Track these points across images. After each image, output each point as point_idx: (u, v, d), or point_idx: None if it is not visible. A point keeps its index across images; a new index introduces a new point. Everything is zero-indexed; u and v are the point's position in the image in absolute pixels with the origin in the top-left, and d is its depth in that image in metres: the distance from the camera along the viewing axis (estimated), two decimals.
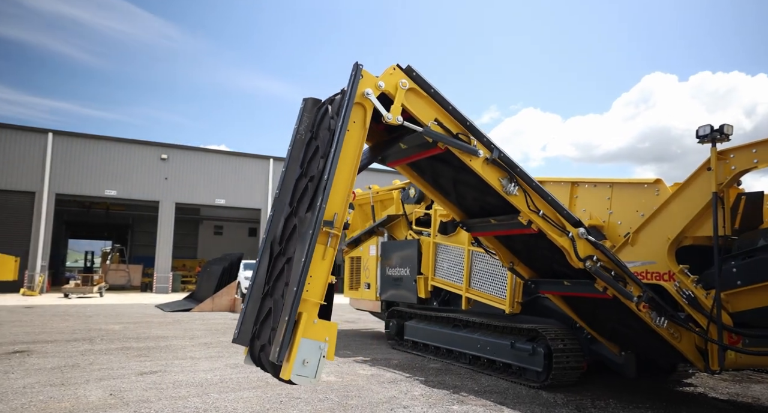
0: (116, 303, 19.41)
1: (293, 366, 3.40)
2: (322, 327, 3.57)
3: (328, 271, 3.68)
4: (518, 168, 4.51)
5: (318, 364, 3.50)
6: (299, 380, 3.45)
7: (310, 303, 3.56)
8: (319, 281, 3.62)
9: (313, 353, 3.49)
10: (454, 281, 8.18)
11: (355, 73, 3.93)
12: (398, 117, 4.01)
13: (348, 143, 3.79)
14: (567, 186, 6.87)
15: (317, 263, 3.61)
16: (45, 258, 25.88)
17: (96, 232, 48.47)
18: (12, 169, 25.51)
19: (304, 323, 3.49)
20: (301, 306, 3.52)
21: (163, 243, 28.44)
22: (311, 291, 3.57)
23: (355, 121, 3.85)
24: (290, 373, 3.40)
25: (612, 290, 4.81)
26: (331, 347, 3.58)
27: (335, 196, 3.71)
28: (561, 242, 4.66)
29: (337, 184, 3.73)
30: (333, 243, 3.69)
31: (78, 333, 10.46)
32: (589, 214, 6.53)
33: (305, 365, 3.46)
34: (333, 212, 3.68)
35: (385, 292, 9.83)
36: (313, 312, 3.57)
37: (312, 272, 3.58)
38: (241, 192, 30.97)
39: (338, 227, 3.71)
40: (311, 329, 3.52)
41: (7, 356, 7.82)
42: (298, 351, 3.43)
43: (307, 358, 3.47)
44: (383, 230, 10.36)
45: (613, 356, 6.05)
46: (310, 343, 3.50)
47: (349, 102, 3.80)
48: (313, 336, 3.51)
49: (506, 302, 7.10)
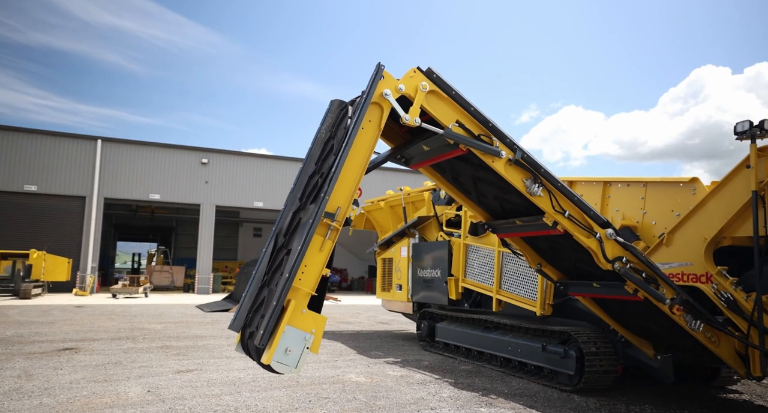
0: (159, 303, 20.09)
1: (275, 351, 3.37)
2: (310, 318, 3.54)
3: (323, 263, 3.66)
4: (542, 168, 4.45)
5: (301, 355, 3.46)
6: (280, 367, 3.41)
7: (301, 292, 3.53)
8: (313, 271, 3.60)
9: (297, 342, 3.45)
10: (484, 283, 8.12)
11: (375, 73, 3.97)
12: (416, 119, 4.03)
13: (360, 140, 3.83)
14: (599, 186, 6.71)
15: (314, 253, 3.60)
16: (95, 260, 27.01)
17: (142, 234, 50.30)
18: (64, 175, 26.76)
19: (291, 310, 3.45)
20: (290, 294, 3.49)
21: (204, 245, 29.25)
22: (304, 281, 3.55)
23: (371, 120, 3.89)
24: (271, 358, 3.36)
25: (643, 293, 4.68)
26: (317, 339, 3.54)
27: (340, 190, 3.72)
28: (588, 243, 4.57)
29: (344, 178, 3.74)
30: (332, 236, 3.68)
31: (122, 332, 10.90)
32: (622, 214, 6.37)
33: (287, 353, 3.43)
34: (336, 206, 3.70)
35: (417, 293, 9.83)
36: (303, 302, 3.54)
37: (307, 262, 3.56)
38: (278, 194, 31.49)
39: (339, 220, 3.71)
40: (298, 318, 3.49)
41: (58, 353, 8.22)
42: (281, 338, 3.39)
43: (291, 347, 3.43)
44: (414, 231, 10.37)
45: (648, 360, 5.87)
46: (296, 332, 3.47)
47: (366, 101, 3.85)
48: (299, 325, 3.48)
49: (537, 304, 6.99)
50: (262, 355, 3.44)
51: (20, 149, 26.29)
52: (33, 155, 26.42)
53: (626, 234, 5.95)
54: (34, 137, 26.73)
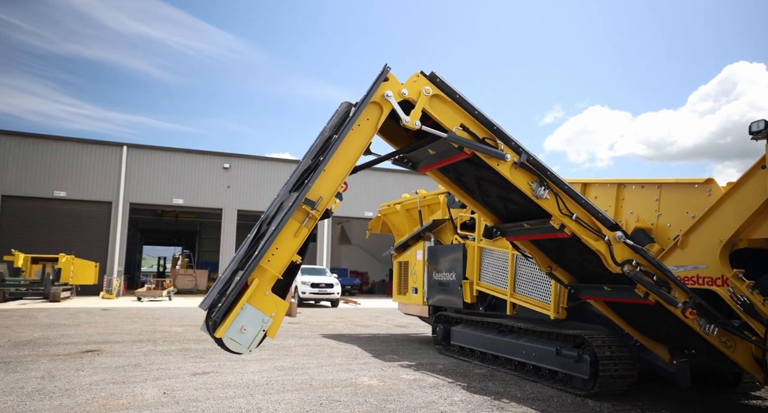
0: (182, 306, 20.43)
1: (229, 327, 3.32)
2: (271, 301, 3.51)
3: (295, 249, 3.64)
4: (549, 171, 4.42)
5: (255, 336, 3.41)
6: (231, 344, 3.37)
7: (267, 274, 3.51)
8: (284, 255, 3.58)
9: (254, 322, 3.41)
10: (498, 286, 8.07)
11: (380, 73, 4.02)
12: (416, 122, 4.05)
13: (354, 136, 3.86)
14: (613, 188, 6.62)
15: (287, 237, 3.59)
16: (121, 264, 27.64)
17: (167, 238, 51.24)
18: (91, 180, 27.47)
19: (253, 289, 3.43)
20: (256, 273, 3.46)
21: (226, 249, 29.65)
22: (273, 262, 3.52)
23: (369, 118, 3.93)
24: (223, 333, 3.33)
25: (654, 296, 4.60)
26: (275, 324, 3.49)
27: (325, 180, 3.74)
28: (597, 246, 4.52)
29: (331, 170, 3.76)
30: (309, 224, 3.68)
31: (144, 335, 11.13)
32: (636, 216, 6.27)
33: (243, 332, 3.38)
34: (318, 195, 3.71)
35: (432, 297, 9.82)
36: (267, 283, 3.52)
37: (279, 245, 3.55)
38: None
39: (319, 210, 3.71)
40: (260, 298, 3.45)
41: (80, 355, 8.44)
42: (238, 315, 3.35)
43: (247, 326, 3.39)
44: (430, 234, 10.36)
45: (664, 364, 5.76)
46: (254, 312, 3.42)
47: (366, 99, 3.88)
48: (259, 305, 3.44)
49: (551, 308, 6.93)
50: (217, 328, 3.40)
51: (51, 155, 27.09)
52: (62, 161, 27.20)
53: (640, 236, 5.86)
54: (63, 144, 27.52)
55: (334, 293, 22.60)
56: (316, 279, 22.70)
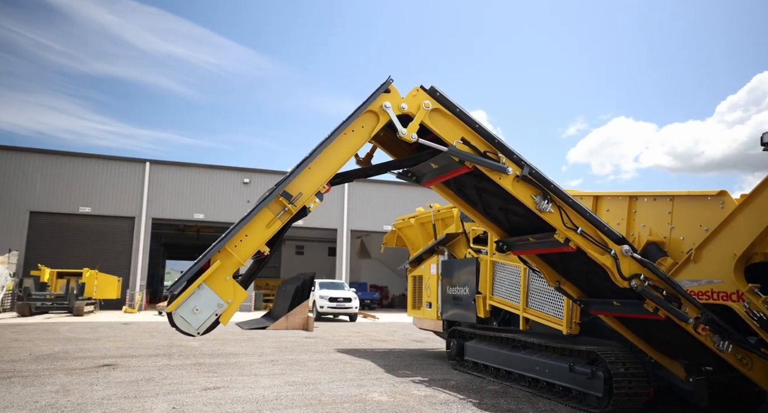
0: None
1: (181, 304, 3.26)
2: (231, 287, 3.45)
3: (265, 239, 3.60)
4: (552, 184, 4.37)
5: (207, 319, 3.33)
6: (180, 323, 3.30)
7: (232, 259, 3.47)
8: (252, 243, 3.54)
9: (208, 305, 3.34)
10: (511, 301, 7.96)
11: (382, 84, 4.04)
12: (413, 135, 4.06)
13: (345, 140, 3.88)
14: (625, 201, 6.50)
15: (259, 226, 3.56)
16: (143, 278, 28.07)
17: (190, 253, 51.86)
18: (115, 196, 28.09)
19: (213, 270, 3.37)
20: (220, 255, 3.41)
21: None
22: (239, 248, 3.49)
23: (363, 126, 3.96)
24: (174, 308, 3.26)
25: (664, 311, 4.48)
26: (230, 311, 3.42)
27: (308, 177, 3.74)
28: (603, 260, 4.44)
29: (316, 168, 3.76)
30: (283, 218, 3.65)
31: (160, 349, 11.24)
32: (649, 229, 6.13)
33: (195, 312, 3.31)
34: (298, 190, 3.69)
35: (446, 311, 9.73)
36: (229, 268, 3.47)
37: (249, 232, 3.52)
38: (317, 212, 31.96)
39: (296, 205, 3.68)
40: (219, 282, 3.40)
41: (96, 369, 8.56)
42: (193, 293, 3.29)
43: (200, 307, 3.32)
44: (443, 248, 10.30)
45: (680, 382, 5.59)
46: (210, 294, 3.36)
47: (362, 106, 3.91)
48: (216, 288, 3.38)
49: (563, 323, 6.80)
50: (171, 303, 3.36)
51: (76, 172, 27.82)
52: (87, 178, 27.89)
53: (653, 250, 5.74)
54: (88, 161, 28.24)
55: (352, 307, 22.56)
56: (334, 293, 22.71)
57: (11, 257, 25.42)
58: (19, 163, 27.13)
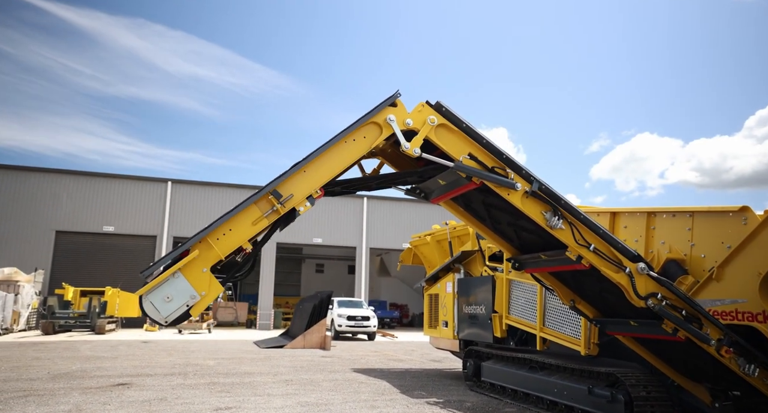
0: (219, 339, 20.63)
1: (153, 290, 3.18)
2: (206, 280, 3.35)
3: (248, 236, 3.53)
4: (563, 200, 4.26)
5: (177, 309, 3.23)
6: (149, 309, 3.20)
7: (211, 252, 3.38)
8: (235, 238, 3.46)
9: (181, 295, 3.25)
10: (528, 320, 7.76)
11: (389, 97, 4.01)
12: (416, 149, 4.01)
13: (345, 148, 3.84)
14: (643, 217, 6.32)
15: (244, 222, 3.48)
16: None
17: None
18: (137, 215, 28.57)
19: (190, 259, 3.29)
20: (200, 246, 3.32)
21: (265, 282, 29.99)
22: (221, 242, 3.39)
23: (365, 137, 3.92)
24: (145, 292, 3.18)
25: (684, 332, 4.29)
26: (202, 304, 3.34)
27: (301, 179, 3.68)
28: (617, 278, 4.28)
29: (311, 171, 3.71)
30: (270, 217, 3.57)
31: (176, 368, 11.23)
32: (668, 246, 5.93)
33: (166, 301, 3.22)
34: (289, 191, 3.62)
35: (462, 330, 9.54)
36: (207, 260, 3.38)
37: (233, 226, 3.44)
38: (336, 231, 32.03)
39: (284, 206, 3.61)
40: (195, 273, 3.31)
41: (111, 388, 8.56)
42: (167, 281, 3.20)
43: (172, 296, 3.23)
44: (459, 266, 10.15)
45: (705, 407, 5.33)
46: (185, 284, 3.26)
47: (365, 117, 3.87)
48: (192, 279, 3.29)
49: (581, 343, 6.58)
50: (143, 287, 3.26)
51: (100, 192, 28.43)
52: (111, 197, 28.47)
53: (673, 268, 5.54)
54: (112, 181, 28.85)
55: (371, 326, 22.36)
56: (352, 312, 22.56)
57: (37, 276, 25.95)
58: (46, 183, 27.85)
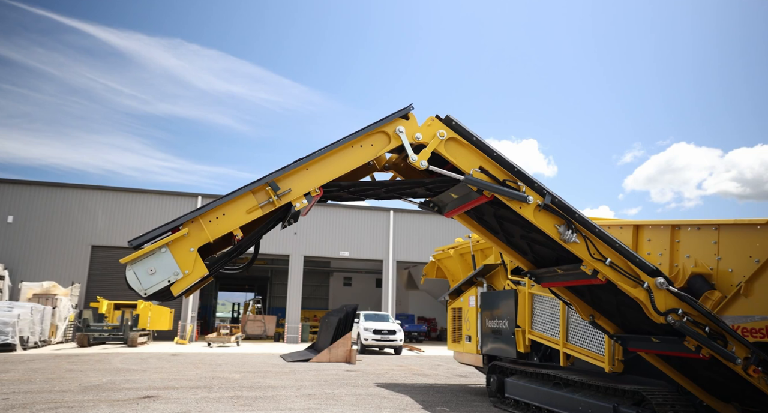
0: (247, 352, 20.80)
1: (139, 261, 3.19)
2: (191, 259, 3.36)
3: (240, 223, 3.52)
4: (577, 213, 4.17)
5: (158, 283, 3.25)
6: (131, 279, 3.22)
7: (202, 233, 3.39)
8: (226, 223, 3.47)
9: (164, 270, 3.26)
10: (551, 335, 7.59)
11: (402, 109, 4.03)
12: (423, 162, 4.00)
13: (351, 154, 3.85)
14: (667, 230, 6.14)
15: (239, 208, 3.49)
16: (194, 310, 28.77)
17: (240, 285, 53.03)
18: None
19: (179, 235, 3.30)
20: (191, 225, 3.33)
21: (293, 295, 30.18)
22: (212, 225, 3.40)
23: (373, 144, 3.92)
24: (130, 260, 3.19)
25: (708, 350, 4.12)
26: (184, 282, 3.34)
27: (302, 176, 3.69)
28: (635, 293, 4.16)
29: (313, 170, 3.72)
30: (265, 208, 3.56)
31: (202, 381, 11.36)
32: (694, 260, 5.73)
33: (149, 273, 3.24)
34: (288, 186, 3.62)
35: (486, 345, 9.39)
36: (196, 240, 3.39)
37: (227, 211, 3.44)
38: (363, 244, 32.09)
39: (281, 199, 3.60)
40: (182, 251, 3.32)
41: (137, 401, 8.72)
42: (153, 253, 3.22)
43: (156, 269, 3.25)
44: (482, 280, 10.03)
45: None
46: (170, 259, 3.28)
47: (375, 124, 3.88)
48: (177, 256, 3.31)
49: (605, 360, 6.39)
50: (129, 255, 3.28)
51: (134, 207, 29.23)
52: (144, 212, 29.22)
53: (699, 283, 5.35)
54: (144, 197, 29.64)
55: (397, 340, 22.20)
56: (378, 326, 22.47)
57: (74, 290, 26.74)
58: (83, 199, 28.79)
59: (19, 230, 27.52)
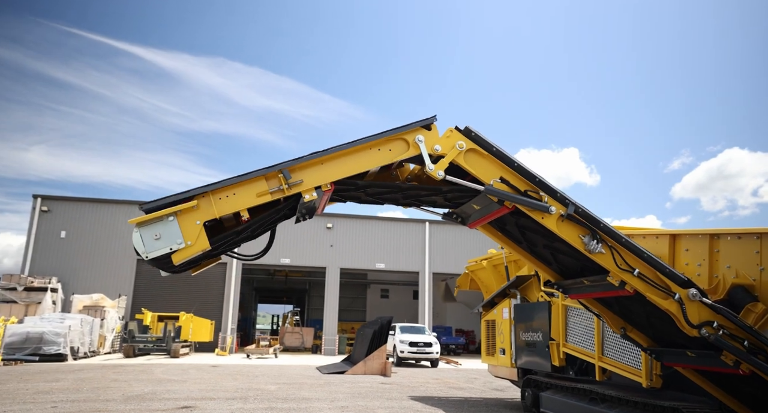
0: (284, 364, 21.00)
1: (147, 224, 3.28)
2: (197, 231, 3.42)
3: (248, 205, 3.57)
4: (602, 223, 4.07)
5: (160, 249, 3.32)
6: (136, 240, 3.32)
7: (209, 208, 3.46)
8: (235, 202, 3.52)
9: (169, 238, 3.33)
10: (586, 348, 7.37)
11: (425, 119, 4.05)
12: (440, 172, 4.00)
13: (368, 155, 3.86)
14: (705, 239, 5.88)
15: (249, 190, 3.54)
16: (234, 321, 29.32)
17: (279, 297, 53.73)
18: None
19: (188, 206, 3.38)
20: (203, 199, 3.41)
21: (329, 307, 30.38)
22: (222, 202, 3.47)
23: (391, 149, 3.94)
24: (138, 222, 3.29)
25: (747, 366, 3.92)
26: (185, 253, 3.39)
27: (316, 169, 3.73)
28: (666, 305, 4.01)
29: (328, 164, 3.75)
30: (275, 194, 3.60)
31: (239, 392, 11.54)
32: (735, 271, 5.47)
33: (154, 238, 3.31)
34: (300, 176, 3.66)
35: (520, 358, 9.20)
36: (204, 214, 3.45)
37: (238, 192, 3.50)
38: (399, 256, 32.07)
39: (290, 187, 3.64)
40: (189, 222, 3.39)
41: (175, 410, 8.93)
42: (160, 220, 3.30)
43: (162, 236, 3.33)
44: (516, 291, 9.86)
45: None
46: (175, 228, 3.35)
47: (395, 130, 3.91)
48: (184, 226, 3.38)
49: (642, 374, 6.15)
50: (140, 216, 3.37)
51: None
52: None
53: (740, 294, 5.10)
54: None
55: (433, 352, 21.98)
56: (414, 338, 22.31)
57: (120, 302, 27.74)
58: (128, 214, 29.91)
59: (71, 244, 28.81)
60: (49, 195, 29.42)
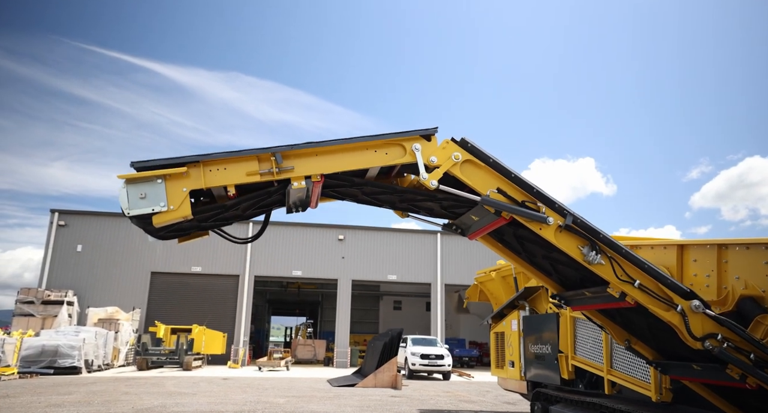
0: (295, 377, 20.92)
1: (135, 183, 3.33)
2: (181, 198, 3.46)
3: (237, 181, 3.59)
4: (601, 234, 4.02)
5: (143, 209, 3.37)
6: (122, 195, 3.35)
7: (198, 179, 3.50)
8: (225, 176, 3.56)
9: (154, 198, 3.38)
10: (594, 361, 7.24)
11: (425, 129, 4.05)
12: (433, 181, 3.99)
13: (364, 155, 3.87)
14: (713, 250, 5.77)
15: (240, 168, 3.57)
16: (246, 334, 29.34)
17: (292, 309, 53.70)
18: (222, 255, 30.13)
19: (178, 171, 3.43)
20: (194, 167, 3.46)
21: (341, 319, 30.28)
22: (212, 174, 3.51)
23: (387, 153, 3.94)
24: (126, 177, 3.34)
25: (754, 380, 3.82)
26: (167, 216, 3.43)
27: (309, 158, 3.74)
28: (668, 317, 3.93)
29: (323, 156, 3.76)
30: (264, 176, 3.63)
31: (247, 405, 11.51)
32: (743, 282, 5.35)
33: (139, 197, 3.36)
34: (293, 163, 3.70)
35: (529, 371, 9.06)
36: (191, 183, 3.49)
37: (229, 167, 3.53)
38: (411, 267, 31.93)
39: (281, 172, 3.66)
40: (175, 188, 3.44)
41: None
42: (149, 180, 3.36)
43: (146, 195, 3.38)
44: (524, 303, 9.74)
45: None
46: (161, 191, 3.40)
47: (395, 134, 3.92)
48: (170, 190, 3.43)
49: (652, 388, 6.01)
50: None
51: None
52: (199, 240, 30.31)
53: (749, 306, 4.98)
54: None
55: (445, 365, 21.74)
56: (426, 350, 22.11)
57: (134, 315, 27.93)
58: None
59: (87, 258, 29.15)
60: (66, 209, 29.87)
